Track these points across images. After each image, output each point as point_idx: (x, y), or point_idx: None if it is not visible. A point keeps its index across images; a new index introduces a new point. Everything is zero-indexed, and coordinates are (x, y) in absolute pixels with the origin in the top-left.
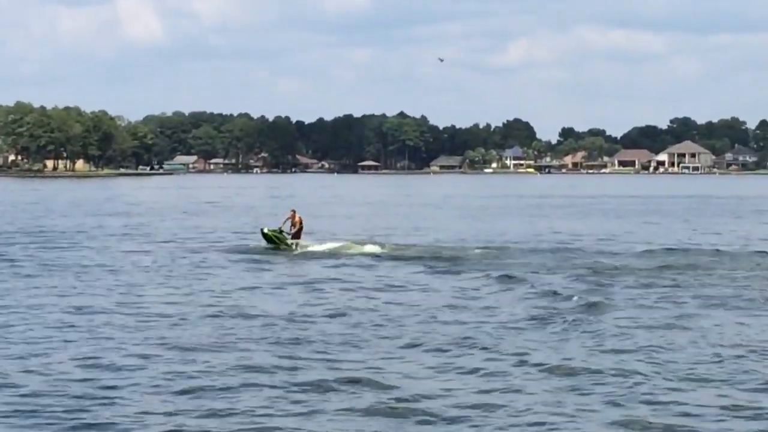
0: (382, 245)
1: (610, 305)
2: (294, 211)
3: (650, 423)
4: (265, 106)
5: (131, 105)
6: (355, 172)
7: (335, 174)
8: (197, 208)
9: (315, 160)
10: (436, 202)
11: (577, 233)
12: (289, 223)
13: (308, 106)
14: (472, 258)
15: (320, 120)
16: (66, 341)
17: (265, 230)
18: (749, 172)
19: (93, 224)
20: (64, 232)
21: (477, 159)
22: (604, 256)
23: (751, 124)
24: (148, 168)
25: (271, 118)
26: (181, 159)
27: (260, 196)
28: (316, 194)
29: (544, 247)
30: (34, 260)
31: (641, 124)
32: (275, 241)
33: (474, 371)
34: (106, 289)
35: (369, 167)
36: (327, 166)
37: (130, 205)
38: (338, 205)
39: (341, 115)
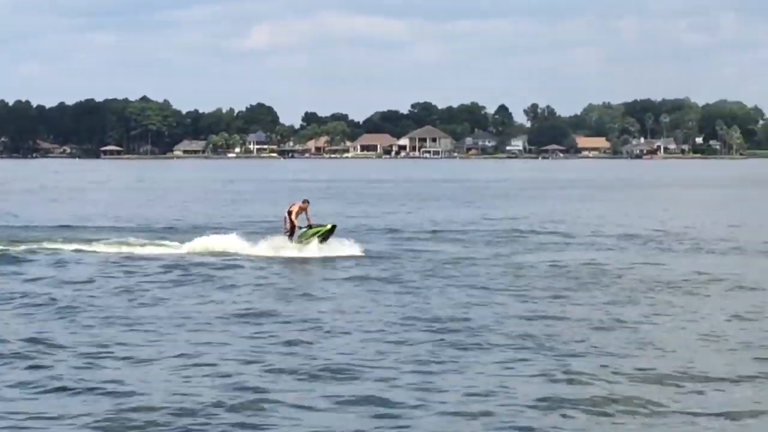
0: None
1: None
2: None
3: None
4: (5, 91)
5: None
6: (98, 157)
7: (77, 159)
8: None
9: (57, 145)
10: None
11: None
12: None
13: (50, 91)
14: None
15: (61, 104)
16: None
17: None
18: (488, 156)
19: None
20: None
21: (221, 143)
22: None
23: (490, 109)
24: None
25: (10, 103)
26: None
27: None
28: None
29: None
30: None
31: (383, 108)
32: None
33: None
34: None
35: (111, 152)
36: (69, 151)
37: None
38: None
39: (83, 99)
